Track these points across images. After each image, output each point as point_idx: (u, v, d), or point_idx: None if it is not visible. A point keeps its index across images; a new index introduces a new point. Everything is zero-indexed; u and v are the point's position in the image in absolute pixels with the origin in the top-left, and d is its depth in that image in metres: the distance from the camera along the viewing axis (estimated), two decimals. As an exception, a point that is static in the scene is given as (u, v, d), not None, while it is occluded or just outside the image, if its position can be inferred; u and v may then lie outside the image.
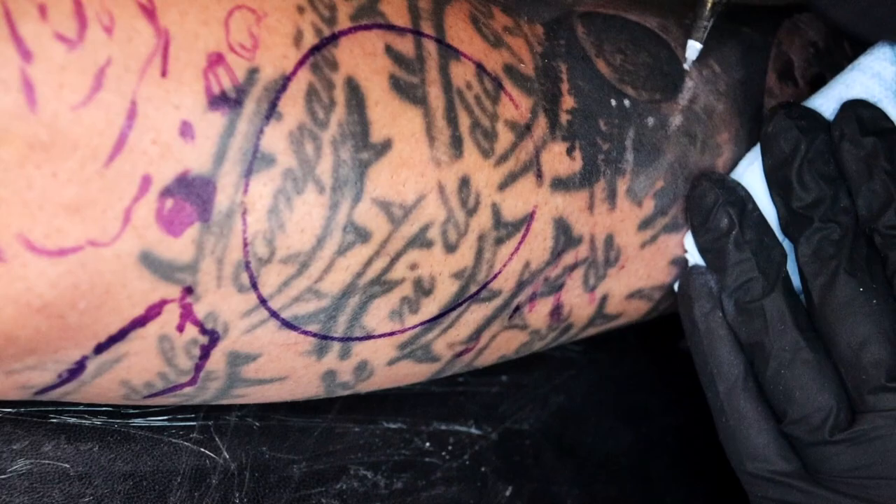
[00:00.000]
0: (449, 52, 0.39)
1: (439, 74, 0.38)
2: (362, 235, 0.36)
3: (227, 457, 0.45)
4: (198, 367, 0.35)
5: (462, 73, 0.38)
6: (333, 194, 0.35)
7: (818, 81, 0.46)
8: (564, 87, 0.41)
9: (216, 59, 0.33)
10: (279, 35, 0.35)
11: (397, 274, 0.37)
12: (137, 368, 0.35)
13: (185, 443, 0.44)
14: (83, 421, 0.42)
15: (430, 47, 0.38)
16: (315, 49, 0.35)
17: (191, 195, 0.33)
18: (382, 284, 0.37)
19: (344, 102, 0.36)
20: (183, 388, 0.36)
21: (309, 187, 0.35)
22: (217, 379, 0.36)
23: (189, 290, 0.33)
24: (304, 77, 0.35)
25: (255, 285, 0.34)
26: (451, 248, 0.38)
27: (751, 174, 0.43)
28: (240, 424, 0.45)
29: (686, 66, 0.43)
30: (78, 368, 0.34)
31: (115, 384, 0.35)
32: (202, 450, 0.44)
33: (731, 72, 0.46)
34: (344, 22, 0.37)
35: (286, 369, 0.37)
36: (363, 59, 0.36)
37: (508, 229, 0.39)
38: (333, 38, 0.36)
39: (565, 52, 0.42)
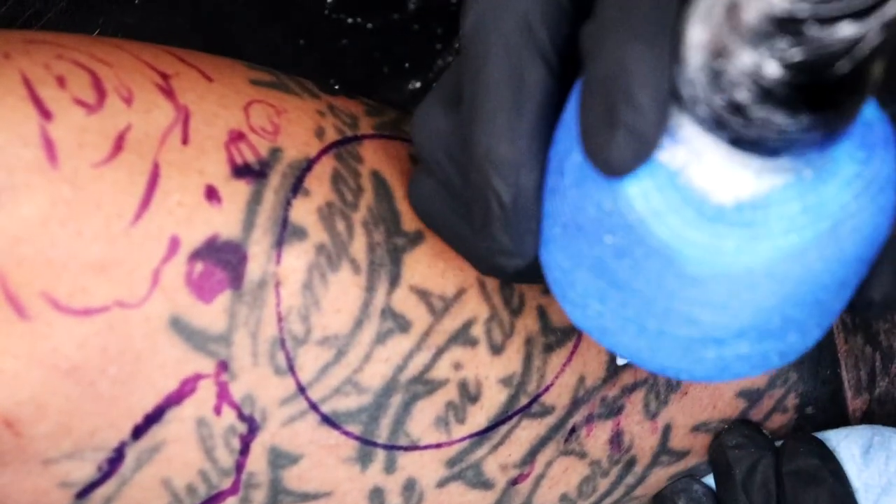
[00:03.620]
0: None
1: None
2: (402, 324, 0.35)
3: None
4: (239, 467, 0.34)
5: None
6: (370, 276, 0.34)
7: None
8: None
9: (237, 136, 0.34)
10: (300, 127, 0.35)
11: (441, 373, 0.36)
12: (178, 462, 0.34)
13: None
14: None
15: None
16: (338, 143, 0.35)
17: (221, 260, 0.32)
18: (425, 384, 0.36)
19: (372, 190, 0.35)
20: (225, 500, 0.35)
21: (344, 265, 0.34)
22: (260, 487, 0.35)
23: (224, 367, 0.33)
24: (328, 162, 0.35)
25: (292, 368, 0.34)
26: (496, 348, 0.37)
27: None
28: None
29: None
30: (117, 458, 0.33)
31: (156, 485, 0.34)
32: None
33: None
34: (366, 129, 0.37)
35: (330, 482, 0.36)
36: (387, 160, 0.36)
37: (558, 336, 0.38)
38: (356, 139, 0.36)
39: None
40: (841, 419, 0.43)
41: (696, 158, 0.27)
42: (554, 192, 0.29)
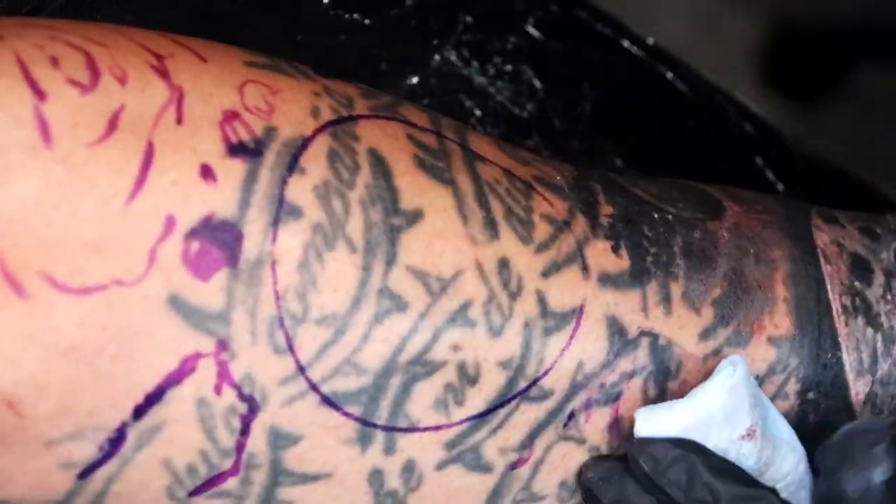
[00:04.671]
0: (473, 155, 0.39)
1: (465, 166, 0.38)
2: (399, 304, 0.35)
3: None
4: (239, 447, 0.34)
5: (489, 171, 0.38)
6: (366, 255, 0.35)
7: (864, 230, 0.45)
8: (601, 198, 0.40)
9: (232, 115, 0.34)
10: (295, 106, 0.35)
11: (439, 354, 0.36)
12: (178, 442, 0.34)
13: None
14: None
15: (453, 146, 0.38)
16: (333, 122, 0.36)
17: (217, 239, 0.33)
18: (424, 365, 0.36)
19: (369, 168, 0.35)
20: (226, 480, 0.35)
21: (340, 245, 0.34)
22: (260, 468, 0.35)
23: (223, 346, 0.33)
24: (324, 141, 0.35)
25: (291, 347, 0.34)
26: (495, 331, 0.37)
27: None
28: None
29: None
30: (118, 438, 0.33)
31: (157, 465, 0.34)
32: None
33: (774, 209, 0.44)
34: (362, 109, 0.37)
35: (330, 462, 0.36)
36: (384, 138, 0.36)
37: (557, 320, 0.38)
38: (352, 119, 0.36)
39: (599, 180, 0.41)
40: (843, 403, 0.43)
41: None
42: None
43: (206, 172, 0.33)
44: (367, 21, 0.53)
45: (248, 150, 0.34)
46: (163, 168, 0.32)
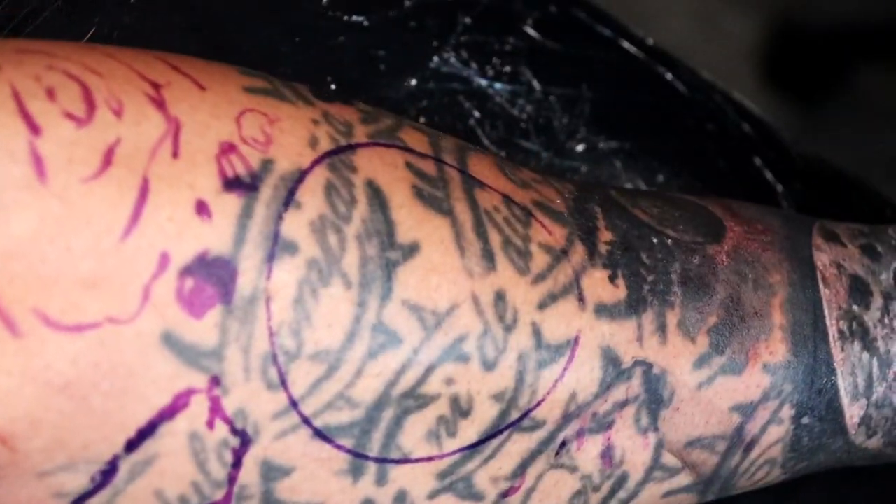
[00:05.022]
0: (473, 181, 0.38)
1: (464, 194, 0.38)
2: (393, 339, 0.35)
3: None
4: (231, 479, 0.34)
5: (488, 199, 0.38)
6: (361, 291, 0.35)
7: (866, 248, 0.45)
8: (601, 223, 0.40)
9: (228, 148, 0.34)
10: (293, 136, 0.35)
11: (432, 388, 0.36)
12: (171, 475, 0.34)
13: None
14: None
15: (453, 173, 0.38)
16: (331, 153, 0.36)
17: (211, 276, 0.33)
18: (417, 399, 0.36)
19: (366, 201, 0.35)
20: None
21: (335, 280, 0.34)
22: (251, 498, 0.35)
23: (216, 382, 0.33)
24: (321, 173, 0.35)
25: (284, 383, 0.34)
26: (489, 365, 0.37)
27: None
28: None
29: None
30: (111, 470, 0.33)
31: (149, 496, 0.34)
32: None
33: (775, 227, 0.44)
34: (361, 137, 0.37)
35: (322, 493, 0.36)
36: (382, 167, 0.36)
37: (551, 353, 0.38)
38: (350, 148, 0.36)
39: (599, 201, 0.41)
40: (838, 426, 0.43)
41: None
42: None
43: (202, 208, 0.33)
44: (365, 22, 0.53)
45: (243, 185, 0.33)
46: (158, 204, 0.32)
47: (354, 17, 0.53)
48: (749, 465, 0.43)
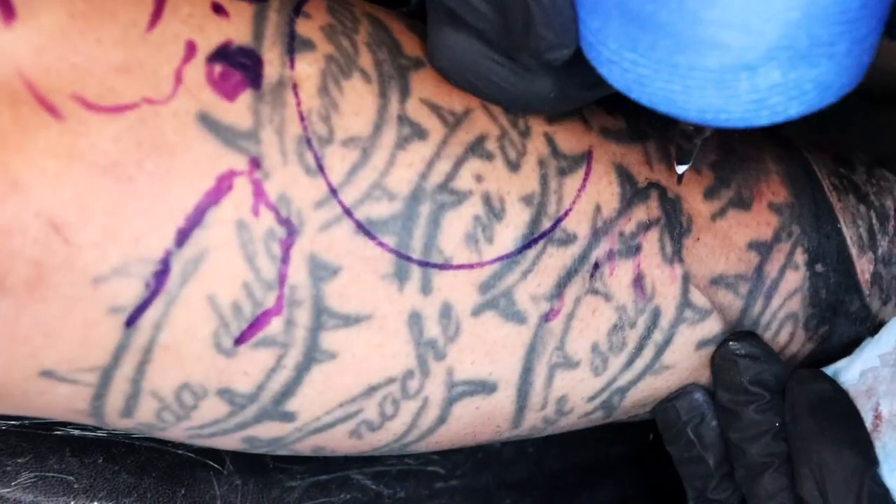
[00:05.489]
0: None
1: None
2: (418, 132, 0.36)
3: (231, 468, 0.45)
4: (281, 279, 0.35)
5: None
6: (381, 84, 0.36)
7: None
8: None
9: None
10: None
11: (464, 183, 0.37)
12: (222, 273, 0.34)
13: (189, 454, 0.44)
14: (87, 433, 0.42)
15: None
16: None
17: (237, 63, 0.34)
18: (451, 193, 0.37)
19: (368, 22, 0.37)
20: (270, 320, 0.35)
21: (355, 74, 0.36)
22: (302, 304, 0.35)
23: (256, 164, 0.34)
24: (320, 1, 0.37)
25: (321, 167, 0.35)
26: (512, 165, 0.38)
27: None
28: (243, 435, 0.45)
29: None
30: (163, 270, 0.33)
31: (202, 303, 0.34)
32: (206, 461, 0.44)
33: None
34: None
35: (370, 301, 0.36)
36: (376, 10, 0.38)
37: (568, 162, 0.39)
38: None
39: None
40: (851, 281, 0.44)
41: None
42: None
43: (219, 9, 0.35)
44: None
45: None
46: (176, 4, 0.34)
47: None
48: (772, 318, 0.44)
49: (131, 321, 0.33)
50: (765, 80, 0.30)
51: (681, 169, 0.40)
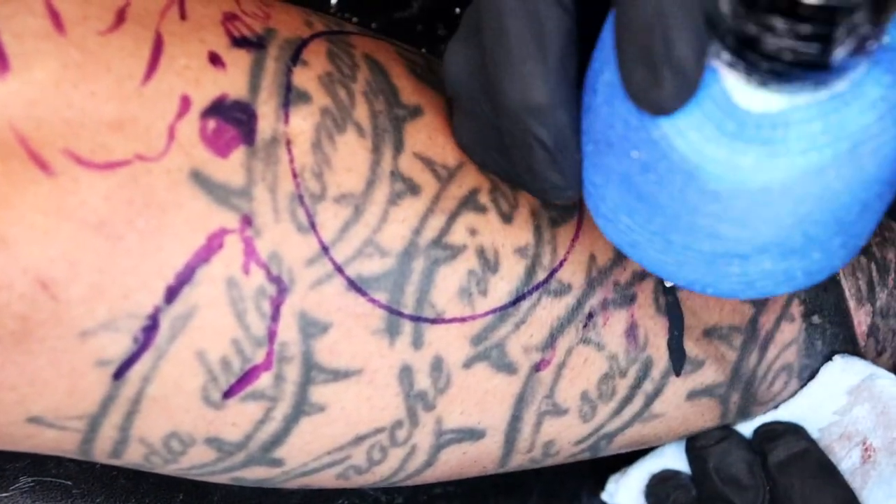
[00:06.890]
0: None
1: None
2: (411, 187, 0.36)
3: (229, 473, 0.45)
4: (271, 335, 0.34)
5: None
6: (375, 139, 0.36)
7: None
8: None
9: (232, 16, 0.35)
10: (289, 17, 0.37)
11: (457, 238, 0.37)
12: (211, 330, 0.34)
13: (188, 459, 0.44)
14: (86, 438, 0.42)
15: (438, 66, 0.39)
16: (327, 33, 0.37)
17: (231, 118, 0.34)
18: (445, 248, 0.37)
19: (367, 67, 0.37)
20: (259, 376, 0.35)
21: (349, 128, 0.35)
22: (292, 360, 0.35)
23: (248, 222, 0.34)
24: (321, 43, 0.37)
25: (313, 225, 0.34)
26: (506, 217, 0.38)
27: None
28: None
29: None
30: (152, 326, 0.33)
31: (191, 358, 0.34)
32: (204, 466, 0.44)
33: None
34: (352, 28, 0.39)
35: (360, 356, 0.36)
36: (377, 49, 0.38)
37: (560, 211, 0.39)
38: (343, 33, 0.38)
39: None
40: (848, 333, 0.44)
41: (718, 80, 0.28)
42: (588, 111, 0.31)
43: (215, 59, 0.34)
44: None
45: (251, 44, 0.35)
46: (173, 55, 0.33)
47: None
48: (767, 369, 0.43)
49: (119, 374, 0.33)
50: (755, 268, 0.30)
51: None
